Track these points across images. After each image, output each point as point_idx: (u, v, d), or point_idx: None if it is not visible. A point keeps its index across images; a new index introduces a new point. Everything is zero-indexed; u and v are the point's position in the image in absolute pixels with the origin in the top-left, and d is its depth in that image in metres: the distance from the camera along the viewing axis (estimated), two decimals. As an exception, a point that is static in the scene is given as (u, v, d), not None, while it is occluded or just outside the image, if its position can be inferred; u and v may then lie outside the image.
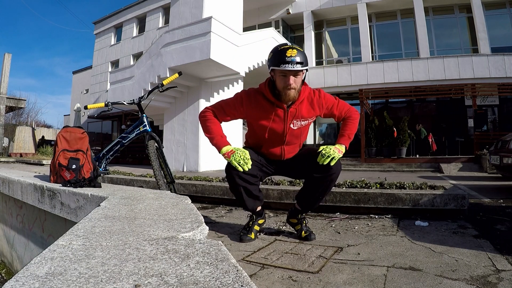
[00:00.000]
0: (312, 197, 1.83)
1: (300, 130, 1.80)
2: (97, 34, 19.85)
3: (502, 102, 11.46)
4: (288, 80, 1.60)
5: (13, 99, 14.33)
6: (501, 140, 4.81)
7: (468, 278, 1.21)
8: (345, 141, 1.81)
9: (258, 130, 1.79)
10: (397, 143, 9.65)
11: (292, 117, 1.73)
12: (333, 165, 1.69)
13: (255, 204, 1.86)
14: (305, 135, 1.88)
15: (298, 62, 1.56)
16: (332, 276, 1.29)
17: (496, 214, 2.47)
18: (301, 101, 1.72)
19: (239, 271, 0.68)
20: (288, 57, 1.55)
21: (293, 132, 1.78)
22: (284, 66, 1.56)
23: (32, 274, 0.65)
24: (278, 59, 1.58)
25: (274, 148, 1.83)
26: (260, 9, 14.46)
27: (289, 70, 1.57)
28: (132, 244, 0.87)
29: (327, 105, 1.81)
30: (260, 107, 1.73)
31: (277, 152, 1.83)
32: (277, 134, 1.76)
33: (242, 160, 1.67)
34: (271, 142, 1.81)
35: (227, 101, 1.83)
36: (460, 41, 12.31)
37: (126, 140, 2.58)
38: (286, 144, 1.81)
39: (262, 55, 10.22)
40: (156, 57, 8.59)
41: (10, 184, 2.90)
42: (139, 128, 2.56)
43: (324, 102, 1.79)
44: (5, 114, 14.10)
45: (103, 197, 1.69)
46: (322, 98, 1.79)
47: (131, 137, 2.58)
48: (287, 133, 1.77)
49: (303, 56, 1.60)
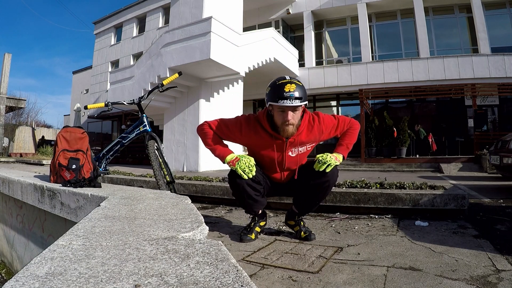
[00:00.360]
0: (309, 202, 1.84)
1: (299, 157, 1.79)
2: (97, 34, 19.85)
3: (502, 102, 11.46)
4: (287, 115, 1.59)
5: (13, 99, 14.33)
6: (501, 140, 4.81)
7: (468, 278, 1.21)
8: (344, 151, 1.80)
9: (257, 156, 1.81)
10: (397, 143, 9.65)
11: (291, 146, 1.74)
12: (329, 172, 1.69)
13: (258, 208, 1.86)
14: (305, 160, 1.88)
15: (297, 97, 1.54)
16: (332, 276, 1.29)
17: (496, 214, 2.47)
18: (300, 132, 1.71)
19: (239, 271, 0.68)
20: (287, 93, 1.53)
21: (292, 159, 1.78)
22: (283, 102, 1.54)
23: (32, 274, 0.65)
24: (276, 94, 1.56)
25: (274, 173, 1.84)
26: (260, 9, 14.45)
27: (287, 106, 1.56)
28: (132, 244, 0.87)
29: (327, 130, 1.79)
30: (259, 137, 1.73)
31: (277, 176, 1.85)
32: (276, 161, 1.77)
33: (247, 167, 1.67)
34: (271, 168, 1.82)
35: (227, 123, 1.80)
36: (460, 41, 12.31)
37: (126, 140, 2.58)
38: (285, 170, 1.83)
39: (262, 55, 10.22)
40: (156, 57, 8.59)
41: (10, 184, 2.90)
42: (139, 128, 2.56)
43: (324, 127, 1.78)
44: (5, 114, 14.10)
45: (103, 197, 1.70)
46: (322, 123, 1.77)
47: (131, 137, 2.58)
48: (286, 161, 1.78)
49: (302, 90, 1.59)
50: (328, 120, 1.80)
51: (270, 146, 1.73)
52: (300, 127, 1.69)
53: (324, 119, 1.78)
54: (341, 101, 13.84)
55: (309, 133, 1.74)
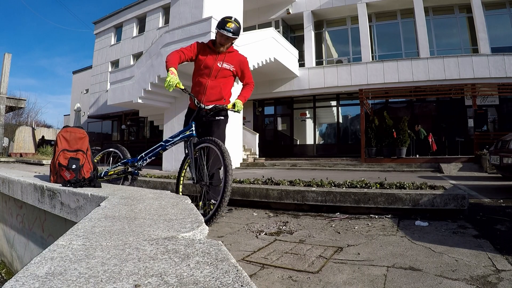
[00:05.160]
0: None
1: (223, 72, 2.52)
2: (97, 34, 19.85)
3: (502, 102, 11.45)
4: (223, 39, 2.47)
5: (13, 99, 14.33)
6: (501, 140, 4.80)
7: (468, 278, 1.21)
8: (243, 100, 2.54)
9: (199, 61, 2.54)
10: (397, 143, 9.64)
11: (219, 59, 2.53)
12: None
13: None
14: (228, 89, 2.60)
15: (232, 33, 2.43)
16: (332, 276, 1.29)
17: (496, 214, 2.47)
18: (227, 52, 2.55)
19: (239, 271, 0.68)
20: (228, 27, 2.41)
21: (219, 69, 2.50)
22: (224, 32, 2.41)
23: (32, 274, 0.65)
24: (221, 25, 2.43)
25: (203, 79, 2.51)
26: (260, 9, 14.45)
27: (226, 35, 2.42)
28: (132, 244, 0.87)
29: (243, 66, 2.60)
30: (204, 49, 2.56)
31: (203, 82, 2.51)
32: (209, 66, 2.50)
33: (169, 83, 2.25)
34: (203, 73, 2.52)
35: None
36: (460, 41, 12.30)
37: (169, 143, 2.52)
38: (212, 78, 2.50)
39: (262, 55, 10.22)
40: (156, 57, 8.59)
41: (10, 184, 2.90)
42: (185, 132, 2.48)
43: (242, 62, 2.60)
44: (5, 114, 14.09)
45: (103, 197, 1.69)
46: (241, 56, 2.62)
47: (174, 140, 2.51)
48: (214, 68, 2.50)
49: (237, 30, 2.46)
50: (245, 61, 2.64)
51: (208, 54, 2.53)
52: (229, 49, 2.57)
53: (244, 58, 2.64)
54: (341, 101, 13.84)
55: (232, 56, 2.57)
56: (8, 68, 13.55)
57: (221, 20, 2.47)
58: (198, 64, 2.56)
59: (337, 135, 13.94)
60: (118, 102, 10.49)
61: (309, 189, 2.76)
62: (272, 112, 15.11)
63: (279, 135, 14.85)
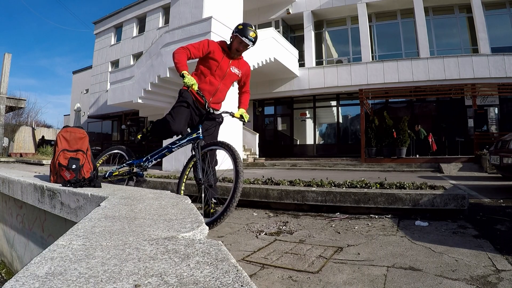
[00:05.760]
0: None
1: (232, 76, 2.55)
2: (97, 34, 19.85)
3: (502, 102, 11.45)
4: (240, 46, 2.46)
5: (13, 99, 14.32)
6: (501, 140, 4.80)
7: (468, 278, 1.21)
8: (245, 108, 2.67)
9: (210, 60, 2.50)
10: (397, 143, 9.64)
11: (232, 64, 2.54)
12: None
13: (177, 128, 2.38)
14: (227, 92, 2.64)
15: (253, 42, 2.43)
16: (332, 276, 1.29)
17: (496, 214, 2.47)
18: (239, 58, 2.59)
19: (239, 271, 0.68)
20: (250, 36, 2.39)
21: (230, 73, 2.52)
22: (245, 40, 2.38)
23: (32, 274, 0.65)
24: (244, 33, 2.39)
25: (215, 79, 2.49)
26: (260, 9, 14.46)
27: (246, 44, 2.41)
28: (132, 244, 0.87)
29: (247, 73, 2.66)
30: (218, 49, 2.50)
31: (214, 82, 2.49)
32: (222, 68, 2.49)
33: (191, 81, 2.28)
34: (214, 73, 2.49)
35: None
36: (460, 41, 12.30)
37: (175, 146, 2.49)
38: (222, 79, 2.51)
39: (262, 55, 10.22)
40: (156, 57, 8.59)
41: (10, 184, 2.90)
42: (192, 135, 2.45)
43: (247, 70, 2.66)
44: (5, 114, 14.08)
45: (103, 197, 1.69)
46: (247, 66, 2.67)
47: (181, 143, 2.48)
48: (227, 72, 2.51)
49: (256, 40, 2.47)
50: (249, 70, 2.71)
51: (224, 56, 2.50)
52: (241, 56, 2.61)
53: (249, 66, 2.70)
54: (341, 101, 13.84)
55: (241, 63, 2.60)
56: (8, 68, 13.55)
57: (243, 26, 2.41)
58: (212, 63, 2.49)
59: (337, 135, 13.95)
60: (118, 102, 10.50)
61: (309, 189, 2.76)
62: (272, 112, 15.11)
63: (279, 135, 14.85)
